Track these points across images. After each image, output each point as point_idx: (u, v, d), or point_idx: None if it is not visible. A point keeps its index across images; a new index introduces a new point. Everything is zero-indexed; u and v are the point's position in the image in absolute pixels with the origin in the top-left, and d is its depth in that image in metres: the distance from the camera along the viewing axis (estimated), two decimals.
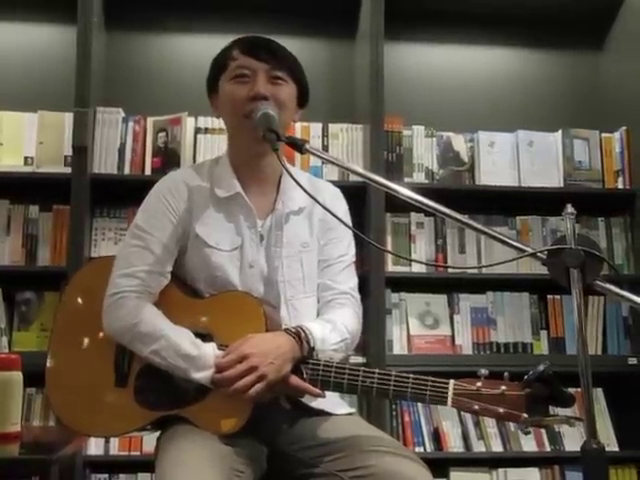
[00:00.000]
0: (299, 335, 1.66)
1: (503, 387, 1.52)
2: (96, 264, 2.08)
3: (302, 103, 1.87)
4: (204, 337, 1.68)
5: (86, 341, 1.79)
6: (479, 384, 1.54)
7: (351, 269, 1.90)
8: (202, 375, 1.62)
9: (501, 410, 1.51)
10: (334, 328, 1.74)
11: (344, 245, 1.89)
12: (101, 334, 1.75)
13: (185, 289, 1.78)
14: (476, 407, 1.53)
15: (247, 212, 1.79)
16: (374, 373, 1.60)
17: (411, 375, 1.58)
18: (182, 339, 1.65)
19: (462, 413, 3.07)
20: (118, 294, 1.71)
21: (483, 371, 1.55)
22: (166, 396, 1.68)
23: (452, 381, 1.55)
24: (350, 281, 1.89)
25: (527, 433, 1.55)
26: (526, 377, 1.51)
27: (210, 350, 1.65)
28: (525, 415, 1.50)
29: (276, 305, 1.76)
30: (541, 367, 1.50)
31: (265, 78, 1.76)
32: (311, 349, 1.66)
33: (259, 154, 1.80)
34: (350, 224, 1.86)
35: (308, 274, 1.82)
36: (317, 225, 1.86)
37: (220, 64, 1.82)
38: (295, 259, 1.79)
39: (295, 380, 1.61)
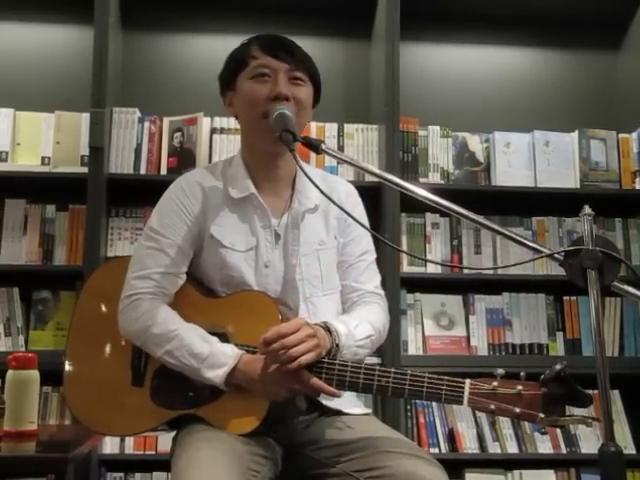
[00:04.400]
0: (328, 329, 1.65)
1: (519, 387, 1.51)
2: (112, 265, 2.09)
3: (315, 103, 1.88)
4: (220, 336, 1.68)
5: (103, 341, 1.80)
6: (495, 383, 1.53)
7: (374, 266, 1.91)
8: (215, 374, 1.62)
9: (517, 410, 1.50)
10: (359, 325, 1.74)
11: (364, 243, 1.89)
12: (117, 334, 1.76)
13: (201, 289, 1.78)
14: (492, 407, 1.52)
15: (261, 212, 1.79)
16: (389, 372, 1.59)
17: (427, 374, 1.57)
18: (194, 338, 1.66)
19: (477, 414, 3.06)
20: (133, 296, 1.72)
21: (500, 371, 1.54)
22: (182, 395, 1.69)
23: (468, 380, 1.55)
24: (375, 279, 1.89)
25: (544, 433, 1.54)
26: (543, 376, 1.50)
27: (226, 349, 1.65)
28: (542, 415, 1.49)
29: (292, 305, 1.76)
30: (558, 366, 1.48)
31: (286, 78, 1.76)
32: (336, 345, 1.65)
33: (275, 154, 1.81)
34: (366, 221, 1.87)
35: (326, 272, 1.81)
36: (335, 223, 1.86)
37: (239, 61, 1.82)
38: (313, 257, 1.79)
39: (311, 379, 1.60)
